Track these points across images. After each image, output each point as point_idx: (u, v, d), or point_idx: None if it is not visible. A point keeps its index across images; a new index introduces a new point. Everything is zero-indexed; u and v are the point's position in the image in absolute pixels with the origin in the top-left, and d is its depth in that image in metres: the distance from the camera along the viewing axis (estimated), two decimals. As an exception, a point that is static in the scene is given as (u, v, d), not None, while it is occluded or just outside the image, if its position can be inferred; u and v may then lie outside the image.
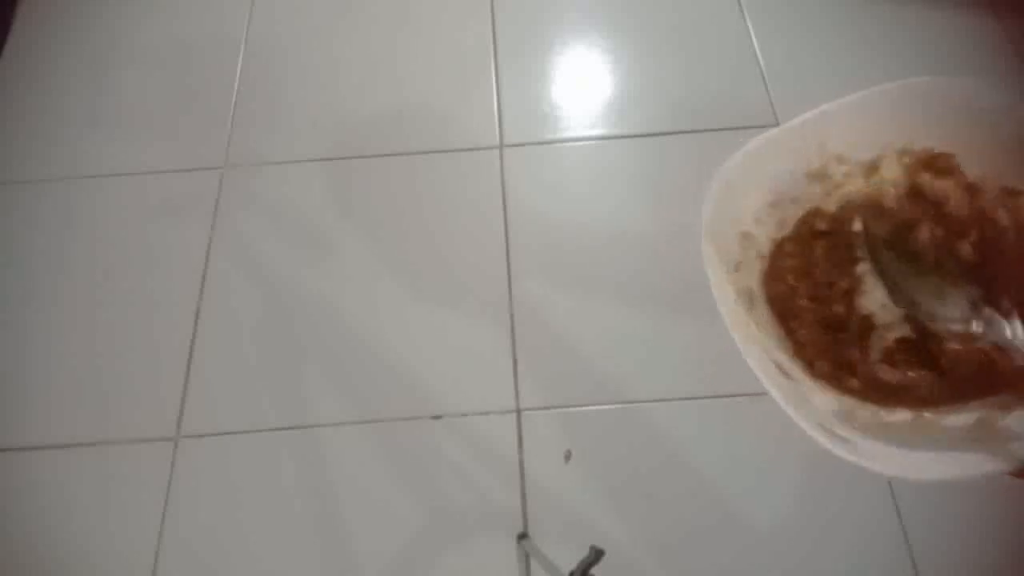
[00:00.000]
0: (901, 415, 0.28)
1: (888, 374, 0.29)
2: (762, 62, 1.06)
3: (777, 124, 1.01)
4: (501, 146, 1.02)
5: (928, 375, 0.29)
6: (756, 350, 0.29)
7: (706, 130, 1.01)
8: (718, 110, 1.03)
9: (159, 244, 0.97)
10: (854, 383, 0.29)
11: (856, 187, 0.32)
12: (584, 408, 0.85)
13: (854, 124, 0.31)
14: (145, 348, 0.90)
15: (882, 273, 0.28)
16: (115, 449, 0.84)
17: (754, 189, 0.32)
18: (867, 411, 0.28)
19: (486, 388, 0.86)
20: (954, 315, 0.26)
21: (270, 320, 0.92)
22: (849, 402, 0.29)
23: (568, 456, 0.82)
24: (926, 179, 0.31)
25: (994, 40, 1.07)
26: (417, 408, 0.85)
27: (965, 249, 0.29)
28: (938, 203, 0.31)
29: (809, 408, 0.28)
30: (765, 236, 0.33)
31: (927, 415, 0.28)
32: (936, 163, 0.31)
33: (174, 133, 1.06)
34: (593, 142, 1.02)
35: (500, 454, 0.83)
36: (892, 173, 0.32)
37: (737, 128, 1.01)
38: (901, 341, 0.30)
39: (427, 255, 0.95)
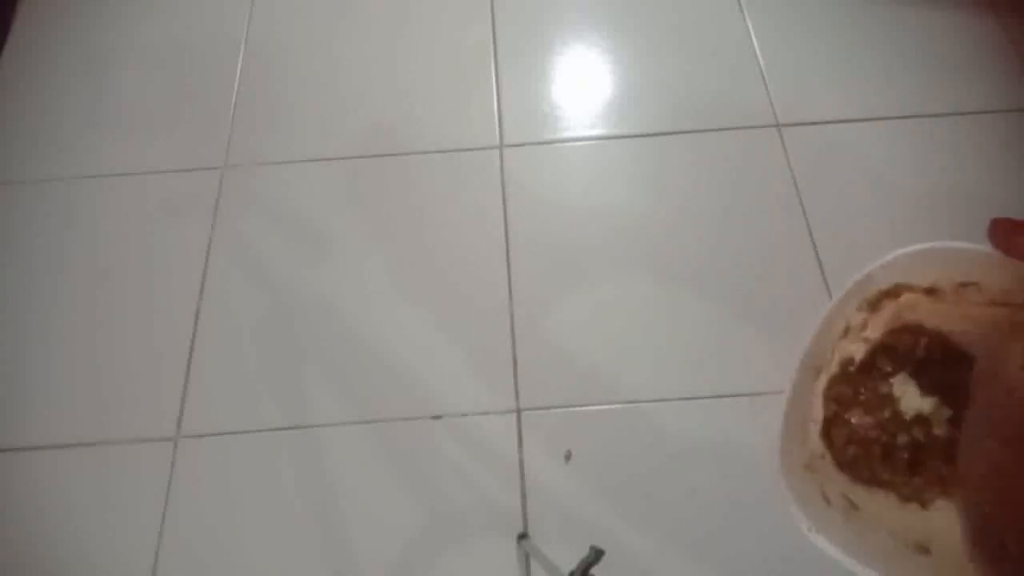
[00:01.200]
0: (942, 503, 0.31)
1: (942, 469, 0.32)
2: (762, 62, 1.06)
3: (777, 124, 1.02)
4: (501, 146, 1.02)
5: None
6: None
7: (706, 130, 1.01)
8: (718, 110, 1.03)
9: (159, 244, 0.97)
10: (907, 491, 0.33)
11: (843, 350, 0.35)
12: (584, 408, 0.85)
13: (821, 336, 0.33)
14: (145, 348, 0.90)
15: None
16: (115, 449, 0.84)
17: (794, 437, 0.34)
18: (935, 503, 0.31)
19: (486, 388, 0.86)
20: None
21: (270, 320, 0.92)
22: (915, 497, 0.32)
23: (568, 456, 0.82)
24: (887, 304, 0.33)
25: (994, 40, 1.07)
26: (417, 408, 0.85)
27: None
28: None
29: (872, 525, 0.32)
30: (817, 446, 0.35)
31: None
32: (889, 292, 0.33)
33: (174, 133, 1.06)
34: (593, 142, 1.02)
35: (500, 454, 0.83)
36: (857, 320, 0.34)
37: (737, 128, 1.01)
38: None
39: (427, 255, 0.95)
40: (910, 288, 0.32)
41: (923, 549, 0.32)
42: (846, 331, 0.34)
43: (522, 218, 0.96)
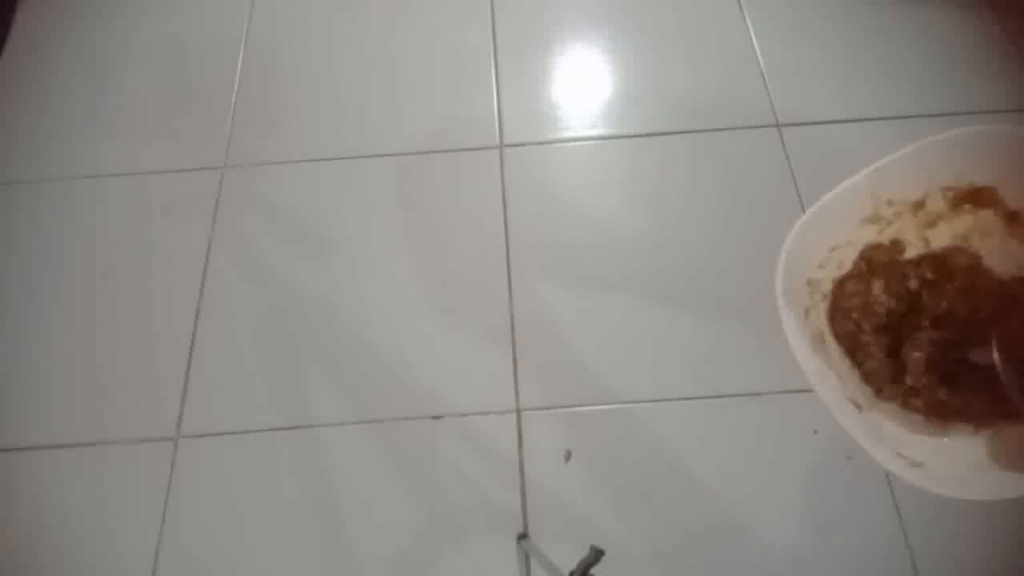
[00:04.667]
0: (961, 429, 0.32)
1: (947, 396, 0.33)
2: (762, 62, 1.06)
3: (777, 124, 1.02)
4: (501, 146, 1.02)
5: (981, 396, 0.32)
6: (830, 389, 0.33)
7: (706, 130, 1.01)
8: (718, 110, 1.03)
9: (159, 244, 0.97)
10: (918, 403, 0.34)
11: (906, 222, 0.36)
12: (584, 408, 0.85)
13: (904, 174, 0.34)
14: (145, 348, 0.90)
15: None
16: (115, 449, 0.84)
17: (815, 243, 0.36)
18: (932, 430, 0.33)
19: (486, 388, 0.86)
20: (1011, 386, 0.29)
21: (270, 320, 0.92)
22: (916, 421, 0.33)
23: (568, 456, 0.82)
24: (968, 209, 0.34)
25: (994, 40, 1.07)
26: (417, 408, 0.85)
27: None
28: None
29: (881, 436, 0.32)
30: (828, 278, 0.36)
31: (984, 429, 0.32)
32: (978, 196, 0.34)
33: (174, 133, 1.06)
34: (593, 142, 1.02)
35: (500, 454, 0.83)
36: (937, 206, 0.35)
37: (737, 128, 1.01)
38: (959, 362, 0.33)
39: (427, 255, 0.95)
40: (994, 201, 0.33)
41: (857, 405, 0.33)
42: (919, 206, 0.35)
43: (522, 218, 0.96)
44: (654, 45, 1.10)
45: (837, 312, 0.36)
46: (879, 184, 0.35)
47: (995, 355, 0.30)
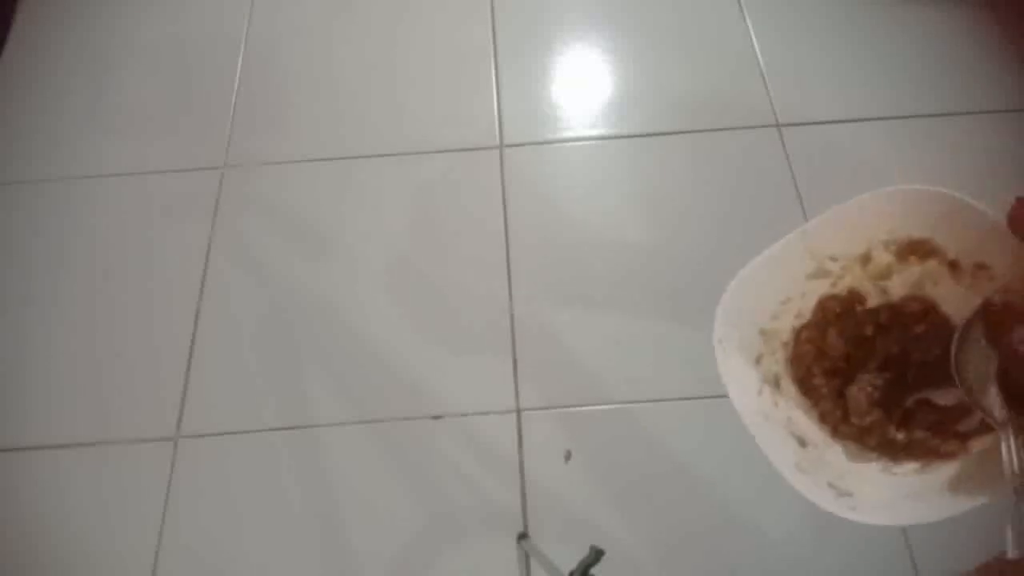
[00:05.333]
0: (910, 465, 0.34)
1: (895, 435, 0.35)
2: (762, 62, 1.06)
3: (777, 124, 1.02)
4: (501, 146, 1.02)
5: (931, 435, 0.34)
6: (771, 426, 0.36)
7: (706, 130, 1.01)
8: (718, 110, 1.03)
9: (159, 244, 0.97)
10: (871, 442, 0.36)
11: (857, 274, 0.38)
12: (584, 408, 0.84)
13: (837, 231, 0.36)
14: (145, 348, 0.90)
15: (964, 361, 0.32)
16: (115, 449, 0.84)
17: (761, 297, 0.38)
18: (879, 464, 0.35)
19: (486, 388, 0.86)
20: (990, 407, 0.31)
21: (270, 320, 0.92)
22: (865, 456, 0.35)
23: (568, 456, 0.82)
24: (913, 262, 0.36)
25: (994, 40, 1.07)
26: (417, 408, 0.85)
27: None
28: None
29: (820, 467, 0.35)
30: (786, 327, 0.38)
31: (932, 465, 0.33)
32: (920, 247, 0.36)
33: (174, 133, 1.06)
34: (593, 142, 1.02)
35: (500, 454, 0.83)
36: (884, 259, 0.37)
37: (737, 128, 1.01)
38: (921, 403, 0.35)
39: (427, 255, 0.95)
40: (934, 250, 0.35)
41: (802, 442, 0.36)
42: (867, 259, 0.37)
43: (522, 218, 0.96)
44: (654, 45, 1.10)
45: (794, 359, 0.38)
46: (812, 244, 0.37)
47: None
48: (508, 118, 1.04)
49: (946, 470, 0.33)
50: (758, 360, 0.38)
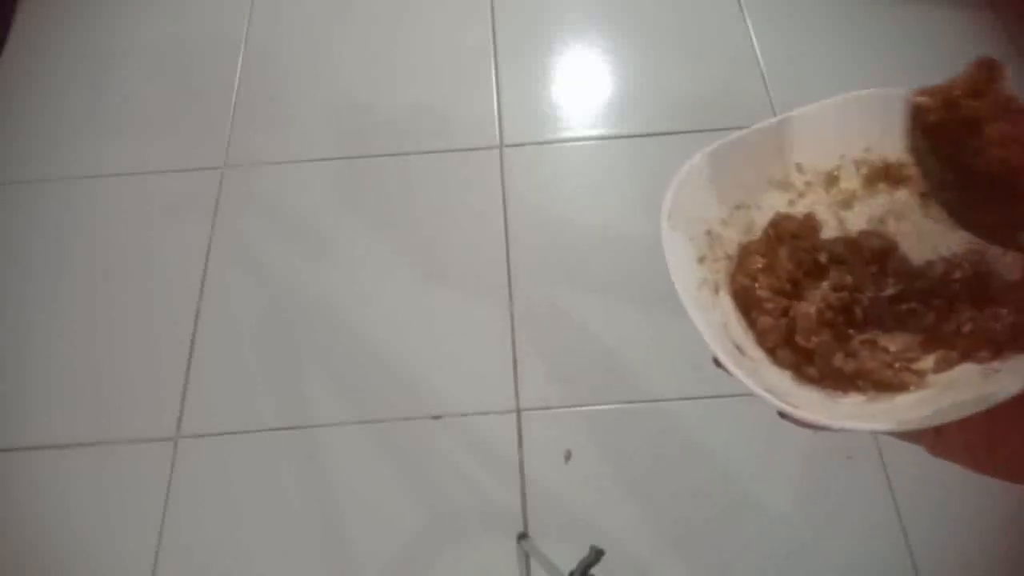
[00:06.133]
0: (854, 398, 0.30)
1: (843, 362, 0.31)
2: (762, 61, 1.06)
3: (777, 124, 1.01)
4: (501, 146, 1.02)
5: (886, 368, 0.31)
6: (714, 328, 0.32)
7: (706, 130, 1.01)
8: (718, 110, 1.03)
9: (159, 244, 0.97)
10: (812, 372, 0.31)
11: (819, 197, 0.34)
12: (584, 408, 0.85)
13: (815, 133, 0.33)
14: (145, 348, 0.90)
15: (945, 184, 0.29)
16: (115, 449, 0.84)
17: (717, 190, 0.34)
18: (821, 393, 0.31)
19: (486, 388, 0.86)
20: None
21: (270, 320, 0.92)
22: (805, 385, 0.31)
23: (568, 456, 0.82)
24: (883, 189, 0.33)
25: (994, 40, 1.07)
26: (417, 408, 0.85)
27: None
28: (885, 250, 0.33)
29: (760, 377, 0.31)
30: (732, 238, 0.35)
31: (881, 398, 0.30)
32: (892, 173, 0.33)
33: (174, 133, 1.06)
34: (593, 142, 1.02)
35: (500, 454, 0.83)
36: (850, 184, 0.34)
37: (737, 128, 1.01)
38: (867, 343, 0.32)
39: (427, 255, 0.95)
40: (907, 179, 0.32)
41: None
42: (833, 180, 0.34)
43: (522, 218, 0.96)
44: (654, 45, 1.10)
45: (738, 272, 0.34)
46: (788, 138, 0.34)
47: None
48: (508, 118, 1.04)
49: (897, 400, 0.29)
50: (701, 260, 0.35)
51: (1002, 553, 0.76)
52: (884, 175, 0.33)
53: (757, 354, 0.32)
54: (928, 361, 0.30)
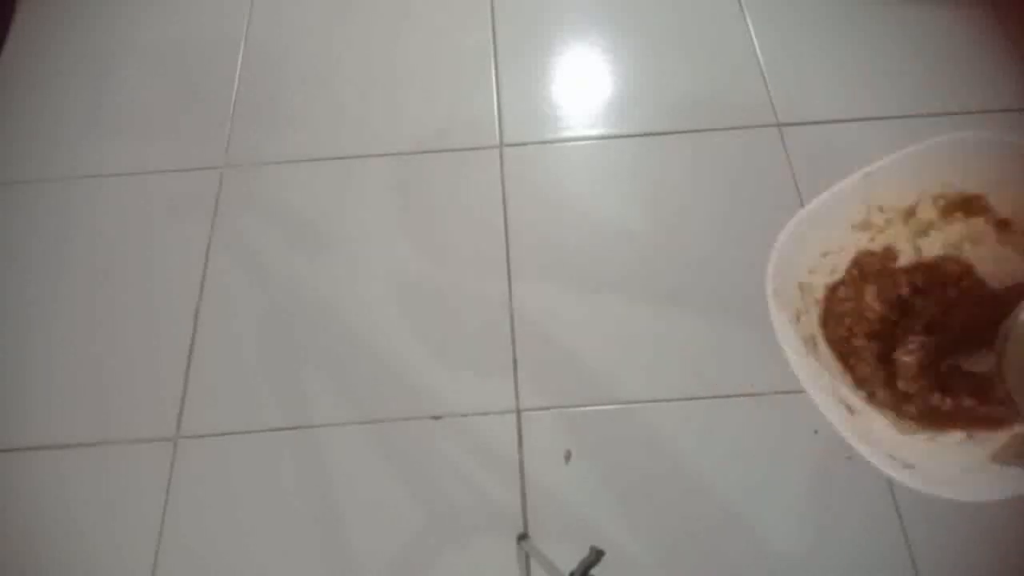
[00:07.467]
0: (954, 436, 0.32)
1: (941, 401, 0.33)
2: (762, 61, 1.06)
3: (777, 124, 1.02)
4: (501, 146, 1.02)
5: (973, 403, 0.33)
6: (821, 391, 0.34)
7: (706, 130, 1.01)
8: (718, 110, 1.03)
9: (159, 244, 0.97)
10: (911, 410, 0.34)
11: (898, 230, 0.36)
12: (584, 408, 0.85)
13: (894, 180, 0.35)
14: (145, 348, 0.90)
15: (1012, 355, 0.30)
16: (115, 449, 0.84)
17: (808, 245, 0.36)
18: (924, 435, 0.33)
19: (486, 388, 0.86)
20: None
21: (270, 320, 0.92)
22: (907, 427, 0.34)
23: (568, 456, 0.82)
24: (959, 218, 0.35)
25: (994, 40, 1.07)
26: (417, 408, 0.85)
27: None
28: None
29: (871, 438, 0.32)
30: (820, 283, 0.37)
31: (978, 435, 0.32)
32: (968, 204, 0.34)
33: (174, 133, 1.06)
34: (593, 142, 1.02)
35: (500, 454, 0.83)
36: (928, 214, 0.35)
37: (737, 128, 1.01)
38: (953, 369, 0.34)
39: (427, 255, 0.95)
40: (984, 208, 0.33)
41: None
42: (911, 214, 0.35)
43: (522, 218, 0.96)
44: (654, 45, 1.10)
45: (830, 317, 0.36)
46: (870, 189, 0.35)
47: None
48: (508, 118, 1.04)
49: (995, 440, 0.31)
50: (798, 317, 0.37)
51: (1002, 553, 0.76)
52: (960, 206, 0.35)
53: (858, 403, 0.35)
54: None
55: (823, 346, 0.36)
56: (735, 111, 1.02)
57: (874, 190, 0.35)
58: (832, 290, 0.37)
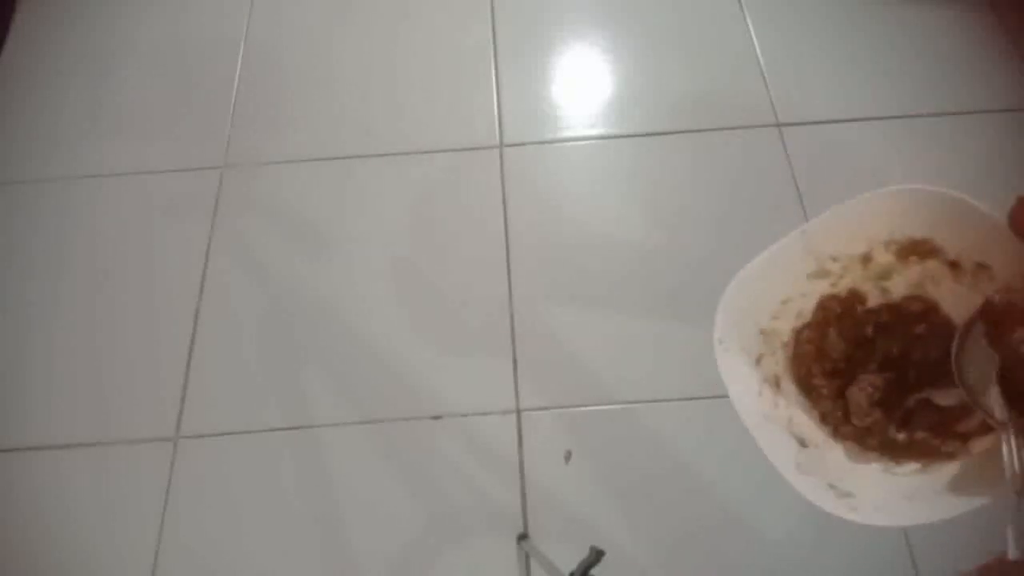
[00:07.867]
0: (909, 466, 0.34)
1: (895, 434, 0.35)
2: (762, 61, 1.06)
3: (777, 124, 1.02)
4: (501, 146, 1.02)
5: (929, 434, 0.35)
6: (773, 426, 0.36)
7: (706, 130, 1.01)
8: (718, 109, 1.03)
9: (159, 244, 0.97)
10: (872, 442, 0.36)
11: (858, 275, 0.38)
12: (584, 408, 0.84)
13: (834, 234, 0.36)
14: (145, 348, 0.90)
15: (966, 361, 0.32)
16: (115, 449, 0.84)
17: (762, 297, 0.38)
18: (880, 465, 0.35)
19: (486, 388, 0.86)
20: (991, 407, 0.31)
21: (270, 320, 0.92)
22: (868, 458, 0.36)
23: (568, 456, 0.82)
24: (915, 261, 0.36)
25: (994, 40, 1.07)
26: (417, 408, 0.85)
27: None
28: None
29: (821, 468, 0.35)
30: (786, 327, 0.38)
31: (931, 466, 0.34)
32: (920, 247, 0.36)
33: (174, 133, 1.06)
34: (593, 142, 1.02)
35: (500, 454, 0.83)
36: (885, 259, 0.37)
37: (737, 128, 1.01)
38: (924, 402, 0.35)
39: (427, 255, 0.95)
40: (935, 250, 0.35)
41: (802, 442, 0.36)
42: (867, 259, 0.37)
43: (522, 218, 0.96)
44: (654, 45, 1.10)
45: (795, 359, 0.38)
46: (812, 244, 0.37)
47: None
48: (508, 118, 1.04)
49: (947, 470, 0.33)
50: (758, 360, 0.38)
51: (1002, 553, 0.75)
52: (912, 250, 0.36)
53: (820, 437, 0.37)
54: (973, 421, 0.33)
55: (789, 385, 0.38)
56: (735, 111, 1.02)
57: (816, 245, 0.37)
58: (798, 333, 0.38)
